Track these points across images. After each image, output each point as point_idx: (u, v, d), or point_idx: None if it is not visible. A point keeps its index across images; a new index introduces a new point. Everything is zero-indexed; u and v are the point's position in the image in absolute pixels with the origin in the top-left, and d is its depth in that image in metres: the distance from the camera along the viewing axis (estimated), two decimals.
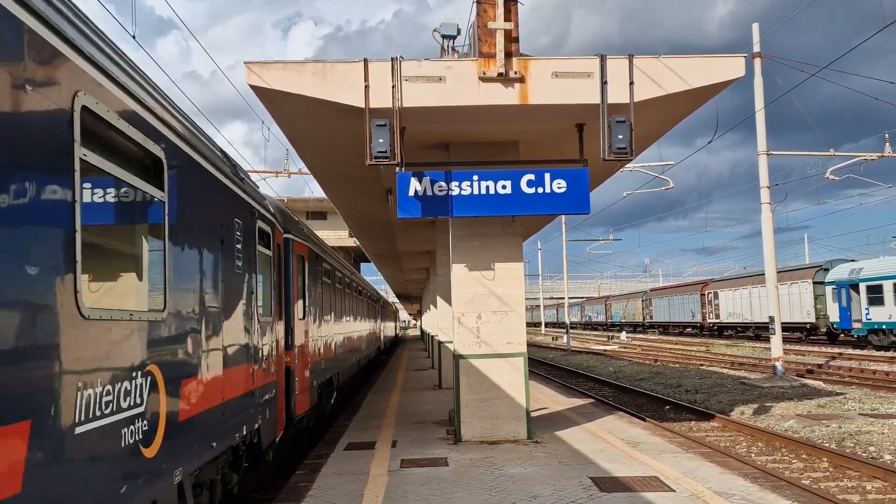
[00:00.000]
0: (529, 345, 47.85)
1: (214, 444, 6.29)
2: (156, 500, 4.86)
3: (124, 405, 4.28)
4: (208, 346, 6.11)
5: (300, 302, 11.45)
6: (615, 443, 10.63)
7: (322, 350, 13.84)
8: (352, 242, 45.34)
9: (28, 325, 3.24)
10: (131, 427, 4.39)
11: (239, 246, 7.30)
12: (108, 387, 4.06)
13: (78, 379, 3.70)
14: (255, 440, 8.13)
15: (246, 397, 7.51)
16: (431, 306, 28.76)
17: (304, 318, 11.63)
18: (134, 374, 4.44)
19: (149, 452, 4.67)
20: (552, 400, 16.50)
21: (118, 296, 5.01)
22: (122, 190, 4.67)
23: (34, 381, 3.30)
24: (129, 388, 4.35)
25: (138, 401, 4.50)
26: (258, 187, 9.19)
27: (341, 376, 17.30)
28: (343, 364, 17.72)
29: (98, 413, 3.92)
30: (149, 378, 4.68)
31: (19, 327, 3.17)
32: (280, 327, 9.99)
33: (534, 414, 12.78)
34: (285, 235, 10.67)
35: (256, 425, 7.99)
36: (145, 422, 4.60)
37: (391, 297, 78.02)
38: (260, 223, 8.47)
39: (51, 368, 3.44)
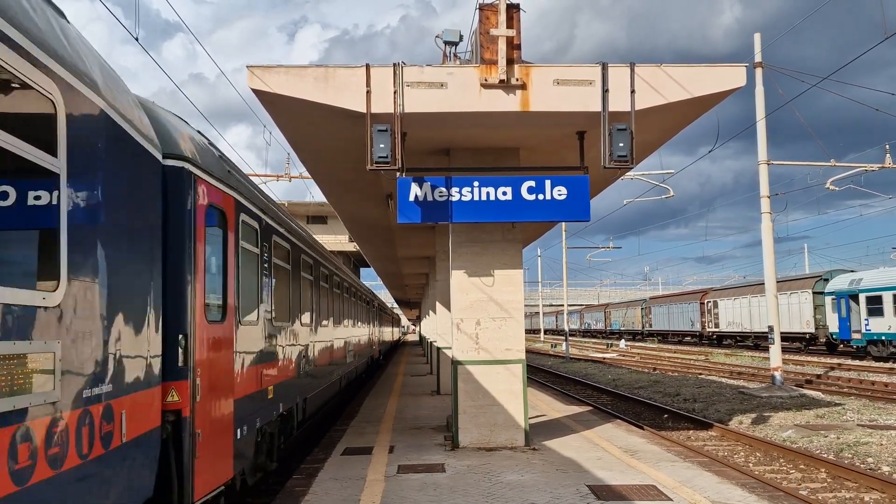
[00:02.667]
0: (528, 351, 47.73)
1: (366, 358, 27.39)
2: (372, 356, 32.16)
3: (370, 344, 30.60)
4: (367, 333, 28.43)
5: (377, 321, 34.91)
6: (613, 451, 10.61)
7: (379, 339, 37.32)
8: (352, 247, 45.45)
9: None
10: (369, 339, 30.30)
11: (366, 307, 28.81)
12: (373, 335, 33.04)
13: (374, 333, 33.96)
14: (370, 360, 29.99)
15: (369, 348, 29.61)
16: (430, 312, 28.78)
17: (377, 327, 35.39)
18: (366, 338, 28.37)
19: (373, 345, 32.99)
20: (550, 407, 16.48)
21: (360, 328, 25.39)
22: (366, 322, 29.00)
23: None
24: (364, 341, 27.76)
25: (370, 342, 31.22)
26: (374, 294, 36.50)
27: (382, 352, 41.28)
28: (384, 346, 44.34)
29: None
30: (372, 339, 32.61)
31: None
32: (371, 329, 30.65)
33: (532, 421, 12.76)
34: (373, 301, 33.72)
35: (371, 355, 30.63)
36: (359, 342, 25.27)
37: (391, 303, 77.98)
38: (372, 301, 33.04)
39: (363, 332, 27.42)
